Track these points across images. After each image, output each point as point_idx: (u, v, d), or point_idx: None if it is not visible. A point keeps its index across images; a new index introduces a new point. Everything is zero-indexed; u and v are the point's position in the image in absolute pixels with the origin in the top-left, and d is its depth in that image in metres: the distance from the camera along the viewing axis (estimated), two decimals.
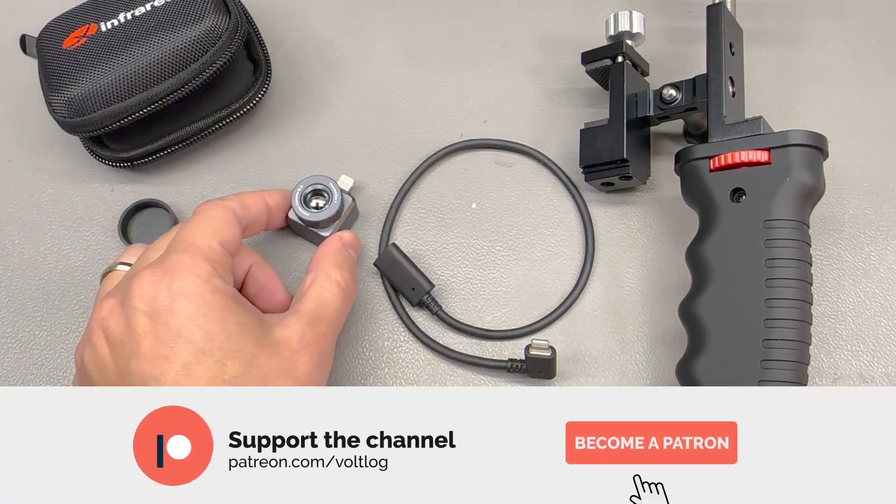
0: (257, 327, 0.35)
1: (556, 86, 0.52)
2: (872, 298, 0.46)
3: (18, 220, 0.49)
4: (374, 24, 0.54)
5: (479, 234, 0.49)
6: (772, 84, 0.51)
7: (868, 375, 0.45)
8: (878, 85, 0.51)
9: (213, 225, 0.38)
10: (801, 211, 0.39)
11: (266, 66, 0.50)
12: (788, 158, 0.39)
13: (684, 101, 0.45)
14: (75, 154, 0.50)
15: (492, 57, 0.53)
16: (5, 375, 0.46)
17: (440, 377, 0.45)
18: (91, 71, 0.44)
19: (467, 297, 0.47)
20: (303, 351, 0.36)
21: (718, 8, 0.45)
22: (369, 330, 0.46)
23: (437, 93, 0.52)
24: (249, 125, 0.51)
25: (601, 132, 0.46)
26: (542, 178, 0.50)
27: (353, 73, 0.53)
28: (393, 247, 0.46)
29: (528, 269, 0.48)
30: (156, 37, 0.44)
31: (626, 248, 0.48)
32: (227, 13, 0.46)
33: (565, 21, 0.54)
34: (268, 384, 0.34)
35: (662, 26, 0.53)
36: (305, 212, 0.45)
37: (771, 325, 0.38)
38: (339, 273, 0.40)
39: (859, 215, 0.48)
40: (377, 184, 0.50)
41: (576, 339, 0.46)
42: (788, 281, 0.38)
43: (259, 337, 0.35)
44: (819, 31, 0.53)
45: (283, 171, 0.50)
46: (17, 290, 0.48)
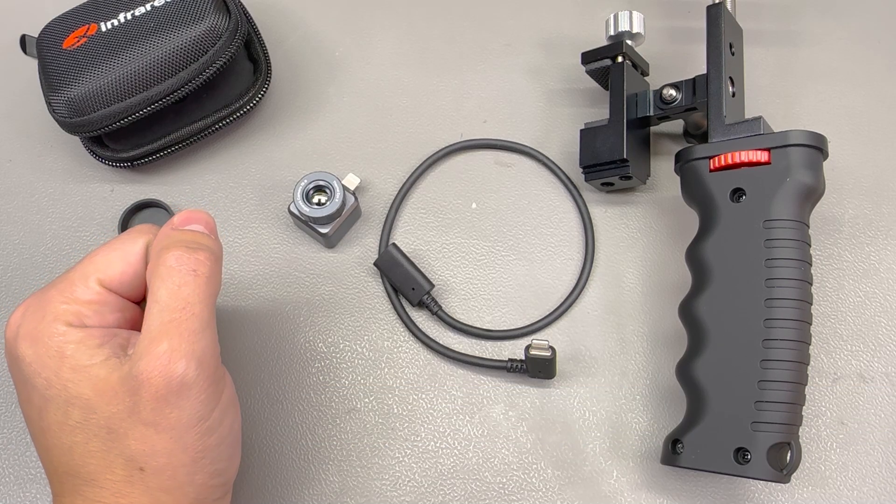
0: (101, 369, 0.32)
1: (556, 86, 0.52)
2: (872, 298, 0.46)
3: (18, 220, 0.49)
4: (374, 24, 0.54)
5: (479, 234, 0.49)
6: (772, 84, 0.51)
7: (868, 375, 0.45)
8: (879, 85, 0.51)
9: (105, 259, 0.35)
10: (801, 211, 0.39)
11: (266, 66, 0.50)
12: (788, 158, 0.39)
13: (684, 101, 0.45)
14: (75, 154, 0.50)
15: (492, 57, 0.53)
16: (5, 375, 0.46)
17: (440, 377, 0.45)
18: (91, 71, 0.44)
19: (467, 297, 0.47)
20: (144, 384, 0.31)
21: (718, 8, 0.45)
22: (369, 330, 0.47)
23: (437, 93, 0.52)
24: (249, 125, 0.51)
25: (601, 132, 0.46)
26: (542, 178, 0.50)
27: (353, 73, 0.53)
28: (393, 247, 0.46)
29: (528, 269, 0.48)
30: (156, 37, 0.44)
31: (626, 248, 0.48)
32: (227, 13, 0.46)
33: (565, 21, 0.54)
34: (114, 428, 0.32)
35: (662, 26, 0.53)
36: (306, 207, 0.45)
37: (771, 325, 0.38)
38: (168, 258, 0.33)
39: (859, 215, 0.48)
40: (377, 184, 0.50)
41: (576, 339, 0.46)
42: (788, 281, 0.38)
43: (98, 381, 0.32)
44: (819, 31, 0.53)
45: (283, 170, 0.50)
46: (17, 290, 0.48)
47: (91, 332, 0.33)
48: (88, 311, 0.34)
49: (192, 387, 0.32)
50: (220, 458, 0.34)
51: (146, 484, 0.32)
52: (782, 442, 0.37)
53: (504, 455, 0.44)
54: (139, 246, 0.35)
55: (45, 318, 0.33)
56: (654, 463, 0.43)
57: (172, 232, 0.35)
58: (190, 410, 0.32)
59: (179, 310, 0.32)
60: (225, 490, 0.36)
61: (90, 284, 0.34)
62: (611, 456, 0.44)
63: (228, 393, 0.35)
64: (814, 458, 0.43)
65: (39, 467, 0.44)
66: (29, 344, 0.33)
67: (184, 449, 0.32)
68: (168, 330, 0.32)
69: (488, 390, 0.45)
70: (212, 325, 0.34)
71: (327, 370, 0.46)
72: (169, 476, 0.32)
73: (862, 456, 0.43)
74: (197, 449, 0.33)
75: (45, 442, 0.34)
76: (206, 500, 0.34)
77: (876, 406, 0.44)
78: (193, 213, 0.37)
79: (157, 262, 0.33)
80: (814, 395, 0.44)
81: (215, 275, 0.34)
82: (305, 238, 0.49)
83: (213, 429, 0.33)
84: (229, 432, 0.35)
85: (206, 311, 0.33)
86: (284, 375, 0.45)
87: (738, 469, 0.37)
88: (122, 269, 0.35)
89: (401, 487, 0.43)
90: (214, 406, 0.33)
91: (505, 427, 0.44)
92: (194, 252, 0.34)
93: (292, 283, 0.47)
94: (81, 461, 0.32)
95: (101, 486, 0.32)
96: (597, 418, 0.44)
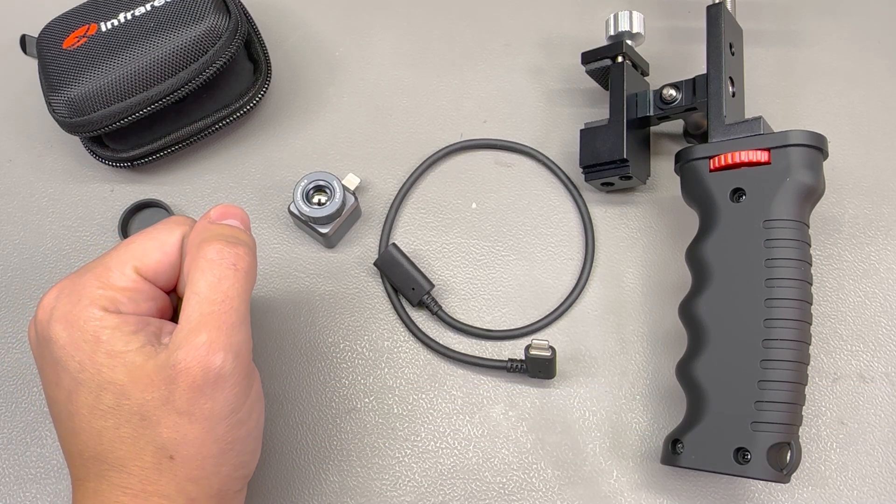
0: (137, 356, 0.33)
1: (556, 86, 0.52)
2: (872, 298, 0.46)
3: (18, 220, 0.49)
4: (374, 24, 0.54)
5: (479, 234, 0.49)
6: (772, 84, 0.51)
7: (868, 375, 0.45)
8: (879, 85, 0.51)
9: (142, 247, 0.35)
10: (801, 211, 0.39)
11: (266, 66, 0.50)
12: (788, 158, 0.39)
13: (684, 101, 0.45)
14: (75, 154, 0.50)
15: (492, 57, 0.53)
16: (6, 375, 0.46)
17: (440, 377, 0.45)
18: (91, 71, 0.44)
19: (467, 297, 0.47)
20: (182, 373, 0.32)
21: (718, 8, 0.45)
22: (369, 330, 0.47)
23: (437, 93, 0.52)
24: (249, 125, 0.51)
25: (601, 132, 0.46)
26: (542, 178, 0.50)
27: (353, 73, 0.53)
28: (393, 247, 0.46)
29: (528, 269, 0.48)
30: (156, 37, 0.44)
31: (626, 248, 0.48)
32: (227, 13, 0.46)
33: (565, 21, 0.54)
34: (147, 415, 0.32)
35: (662, 26, 0.53)
36: (306, 207, 0.45)
37: (771, 325, 0.38)
38: (208, 251, 0.34)
39: (859, 215, 0.48)
40: (377, 184, 0.50)
41: (576, 339, 0.46)
42: (788, 281, 0.38)
43: (133, 367, 0.32)
44: (819, 31, 0.53)
45: (283, 170, 0.50)
46: (18, 290, 0.48)
47: (127, 319, 0.33)
48: (123, 298, 0.34)
49: (227, 379, 0.32)
50: (246, 450, 0.35)
51: (174, 472, 0.32)
52: (782, 442, 0.37)
53: (504, 455, 0.44)
54: (176, 237, 0.35)
55: (80, 302, 0.33)
56: (654, 463, 0.43)
57: (211, 226, 0.36)
58: (223, 402, 0.32)
59: (219, 302, 0.33)
60: (245, 482, 0.37)
61: (126, 271, 0.34)
62: (611, 456, 0.44)
63: (257, 387, 0.35)
64: (814, 458, 0.43)
65: (40, 467, 0.44)
66: (63, 326, 0.33)
67: (214, 440, 0.33)
68: (207, 322, 0.32)
69: (488, 390, 0.45)
70: (247, 320, 0.34)
71: (327, 370, 0.46)
72: (197, 466, 0.33)
73: (862, 456, 0.43)
74: (227, 440, 0.33)
75: (72, 425, 0.34)
76: (229, 491, 0.35)
77: (876, 406, 0.44)
78: (229, 208, 0.37)
79: (197, 254, 0.34)
80: (814, 395, 0.44)
81: (252, 270, 0.35)
82: (305, 238, 0.49)
83: (243, 421, 0.34)
84: (256, 425, 0.35)
85: (244, 306, 0.34)
86: (284, 375, 0.45)
87: (738, 469, 0.37)
88: (158, 258, 0.35)
89: (401, 487, 0.43)
90: (245, 399, 0.34)
91: (505, 427, 0.44)
92: (234, 246, 0.34)
93: (292, 283, 0.47)
94: (110, 446, 0.33)
95: (129, 472, 0.32)
96: (597, 418, 0.44)
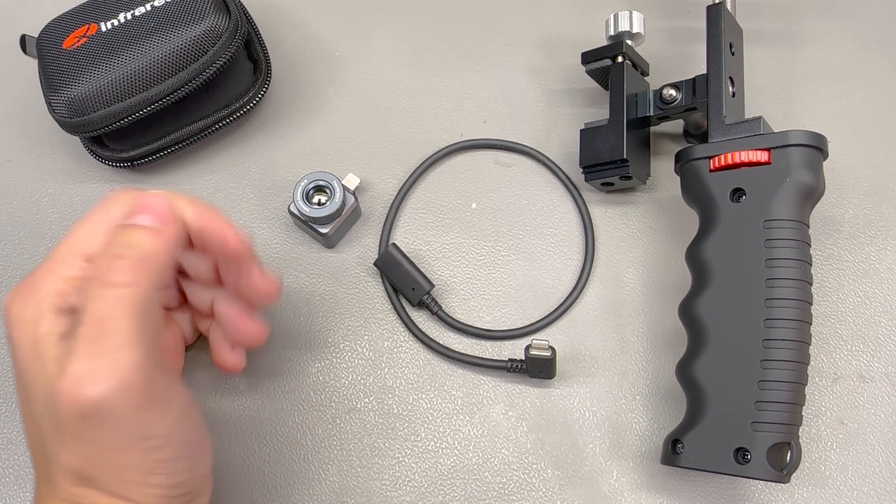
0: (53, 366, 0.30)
1: (556, 86, 0.52)
2: (872, 298, 0.46)
3: (18, 220, 0.49)
4: (374, 24, 0.54)
5: (479, 234, 0.49)
6: (772, 84, 0.51)
7: (868, 375, 0.45)
8: (878, 85, 0.51)
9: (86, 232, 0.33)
10: (801, 211, 0.39)
11: (266, 66, 0.50)
12: (788, 158, 0.39)
13: (684, 101, 0.45)
14: (75, 154, 0.50)
15: (492, 57, 0.53)
16: (6, 375, 0.46)
17: (440, 377, 0.45)
18: (91, 71, 0.44)
19: (467, 297, 0.47)
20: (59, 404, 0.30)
21: (718, 8, 0.45)
22: (369, 330, 0.47)
23: (437, 93, 0.52)
24: (249, 125, 0.51)
25: (601, 132, 0.46)
26: (542, 178, 0.50)
27: (353, 73, 0.53)
28: (393, 247, 0.46)
29: (528, 269, 0.48)
30: (156, 37, 0.44)
31: (626, 248, 0.48)
32: (227, 13, 0.46)
33: (565, 21, 0.54)
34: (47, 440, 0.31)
35: (662, 26, 0.53)
36: (306, 207, 0.45)
37: (771, 325, 0.38)
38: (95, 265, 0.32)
39: (859, 215, 0.48)
40: (377, 184, 0.50)
41: (576, 339, 0.46)
42: (788, 281, 0.38)
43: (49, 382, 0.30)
44: (819, 31, 0.53)
45: (283, 170, 0.50)
46: None
47: (58, 321, 0.31)
48: (73, 289, 0.32)
49: (112, 410, 0.29)
50: (178, 471, 0.32)
51: (101, 488, 0.31)
52: (782, 442, 0.37)
53: (504, 455, 0.44)
54: (114, 215, 0.34)
55: (29, 301, 0.32)
56: (654, 463, 0.43)
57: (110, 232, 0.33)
58: (117, 432, 0.30)
59: (94, 325, 0.30)
60: (192, 496, 0.34)
61: (74, 261, 0.33)
62: (611, 456, 0.44)
63: (181, 405, 0.33)
64: (814, 458, 0.43)
65: None
66: (14, 327, 0.32)
67: (128, 465, 0.31)
68: (87, 348, 0.29)
69: (488, 390, 0.45)
70: (142, 339, 0.30)
71: (327, 370, 0.46)
72: (121, 487, 0.31)
73: (862, 456, 0.43)
74: (145, 465, 0.31)
75: (25, 426, 0.34)
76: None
77: (876, 406, 0.44)
78: (146, 199, 0.33)
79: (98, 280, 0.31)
80: (814, 395, 0.44)
81: (143, 280, 0.31)
82: (305, 238, 0.49)
83: (163, 445, 0.31)
84: (185, 444, 0.33)
85: (129, 324, 0.30)
86: (284, 375, 0.45)
87: (738, 469, 0.37)
88: (103, 239, 0.33)
89: (401, 487, 0.43)
90: (161, 423, 0.31)
91: (505, 427, 0.44)
92: (114, 260, 0.31)
93: (292, 283, 0.47)
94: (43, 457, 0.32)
95: (56, 485, 0.31)
96: (597, 418, 0.44)
